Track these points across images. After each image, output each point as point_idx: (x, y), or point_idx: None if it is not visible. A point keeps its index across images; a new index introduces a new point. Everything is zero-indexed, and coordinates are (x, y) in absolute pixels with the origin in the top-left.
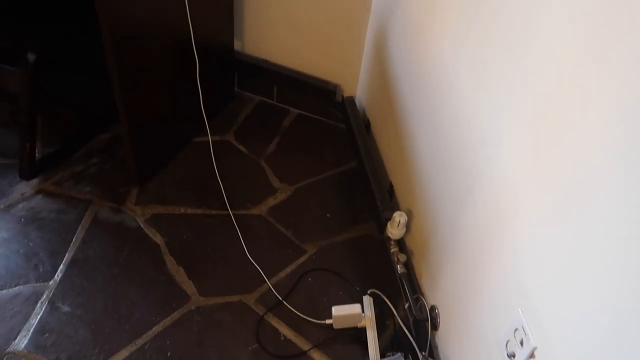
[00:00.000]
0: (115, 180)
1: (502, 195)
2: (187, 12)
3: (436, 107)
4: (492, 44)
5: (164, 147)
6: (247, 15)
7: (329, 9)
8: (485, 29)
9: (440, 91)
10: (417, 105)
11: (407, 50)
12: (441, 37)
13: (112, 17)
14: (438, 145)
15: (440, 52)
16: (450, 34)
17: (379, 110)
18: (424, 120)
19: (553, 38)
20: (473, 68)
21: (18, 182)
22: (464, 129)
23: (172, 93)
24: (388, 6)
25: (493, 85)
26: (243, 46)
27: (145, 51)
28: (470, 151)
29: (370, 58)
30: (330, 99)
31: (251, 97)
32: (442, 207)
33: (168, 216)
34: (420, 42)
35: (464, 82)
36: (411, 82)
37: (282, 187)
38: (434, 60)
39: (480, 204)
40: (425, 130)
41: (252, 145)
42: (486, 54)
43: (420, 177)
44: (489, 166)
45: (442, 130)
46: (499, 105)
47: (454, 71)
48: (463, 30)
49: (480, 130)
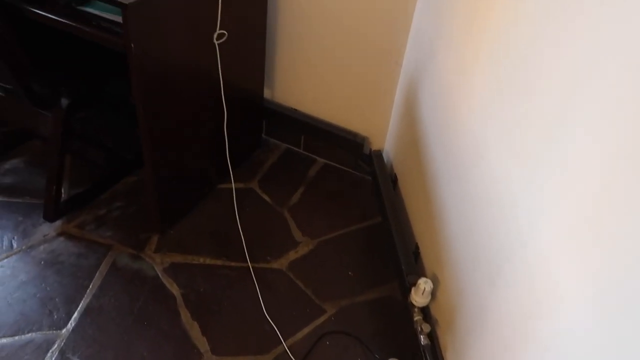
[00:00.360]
0: (137, 225)
1: (538, 279)
2: (219, 62)
3: (466, 173)
4: (526, 118)
5: (187, 194)
6: (278, 64)
7: (360, 62)
8: (520, 103)
9: (471, 158)
10: (447, 168)
11: (437, 110)
12: (472, 103)
13: (143, 65)
14: (468, 213)
15: (471, 119)
16: (482, 102)
17: (407, 167)
18: (453, 184)
19: (595, 118)
20: (505, 140)
21: (41, 223)
22: (495, 201)
23: (199, 140)
24: (419, 64)
25: (527, 161)
26: (273, 94)
27: (174, 98)
28: (502, 226)
29: (399, 112)
30: (357, 150)
31: (278, 144)
32: (472, 279)
33: (186, 266)
34: (451, 105)
35: (495, 154)
36: (441, 143)
37: (304, 241)
38: (465, 126)
39: (513, 284)
40: (454, 195)
41: (276, 195)
42: (520, 128)
43: (448, 243)
44: (523, 246)
45: (472, 198)
46: (533, 183)
47: (484, 140)
48: (496, 100)
49: (513, 206)
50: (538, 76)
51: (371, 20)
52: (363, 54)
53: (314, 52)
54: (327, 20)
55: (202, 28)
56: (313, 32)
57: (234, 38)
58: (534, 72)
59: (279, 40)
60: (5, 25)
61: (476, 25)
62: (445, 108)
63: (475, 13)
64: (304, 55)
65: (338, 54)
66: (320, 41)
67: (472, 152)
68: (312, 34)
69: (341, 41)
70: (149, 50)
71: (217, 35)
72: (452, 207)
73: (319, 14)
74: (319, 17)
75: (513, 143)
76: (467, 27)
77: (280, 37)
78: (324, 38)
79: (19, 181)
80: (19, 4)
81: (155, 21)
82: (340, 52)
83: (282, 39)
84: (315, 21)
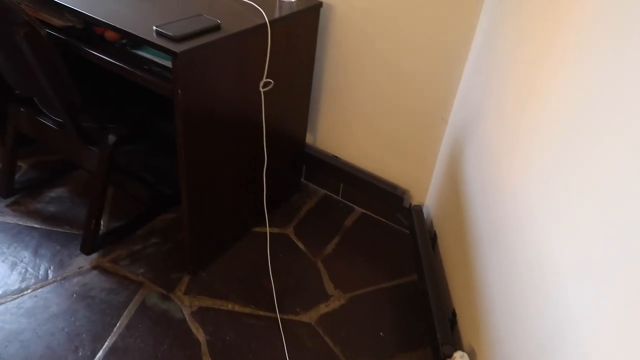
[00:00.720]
0: (170, 264)
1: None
2: (263, 109)
3: (513, 244)
4: (582, 194)
5: (221, 235)
6: (322, 111)
7: (405, 114)
8: (573, 175)
9: (516, 227)
10: (490, 233)
11: (482, 171)
12: (520, 169)
13: (188, 110)
14: (512, 286)
15: (517, 185)
16: (531, 170)
17: (447, 226)
18: (497, 251)
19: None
20: (557, 217)
21: (78, 255)
22: (543, 279)
23: (237, 182)
24: (466, 122)
25: (578, 236)
26: (315, 140)
27: (215, 141)
28: (551, 307)
29: (443, 169)
30: (397, 203)
31: (317, 190)
32: (515, 359)
33: (214, 311)
34: (496, 168)
35: (545, 229)
36: (485, 206)
37: (335, 294)
38: (510, 191)
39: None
40: (498, 264)
41: (311, 243)
42: (574, 206)
43: (488, 315)
44: (577, 336)
45: (518, 271)
46: (589, 267)
47: (530, 209)
48: (546, 169)
49: (564, 288)
50: (595, 149)
51: (419, 74)
52: (408, 106)
53: (358, 101)
54: (374, 71)
55: (249, 76)
56: (359, 82)
57: (280, 86)
58: (591, 145)
59: (324, 87)
60: (61, 63)
61: (530, 91)
62: (491, 170)
63: (530, 81)
64: (349, 104)
65: (383, 105)
66: (366, 91)
67: (517, 220)
68: (358, 83)
69: (387, 92)
70: (195, 97)
71: (264, 83)
72: (494, 275)
73: (366, 65)
74: (366, 67)
75: (563, 215)
76: (520, 92)
77: (325, 85)
78: (369, 88)
79: (62, 210)
80: (76, 43)
81: (203, 69)
82: (386, 103)
83: (327, 87)
84: (361, 72)
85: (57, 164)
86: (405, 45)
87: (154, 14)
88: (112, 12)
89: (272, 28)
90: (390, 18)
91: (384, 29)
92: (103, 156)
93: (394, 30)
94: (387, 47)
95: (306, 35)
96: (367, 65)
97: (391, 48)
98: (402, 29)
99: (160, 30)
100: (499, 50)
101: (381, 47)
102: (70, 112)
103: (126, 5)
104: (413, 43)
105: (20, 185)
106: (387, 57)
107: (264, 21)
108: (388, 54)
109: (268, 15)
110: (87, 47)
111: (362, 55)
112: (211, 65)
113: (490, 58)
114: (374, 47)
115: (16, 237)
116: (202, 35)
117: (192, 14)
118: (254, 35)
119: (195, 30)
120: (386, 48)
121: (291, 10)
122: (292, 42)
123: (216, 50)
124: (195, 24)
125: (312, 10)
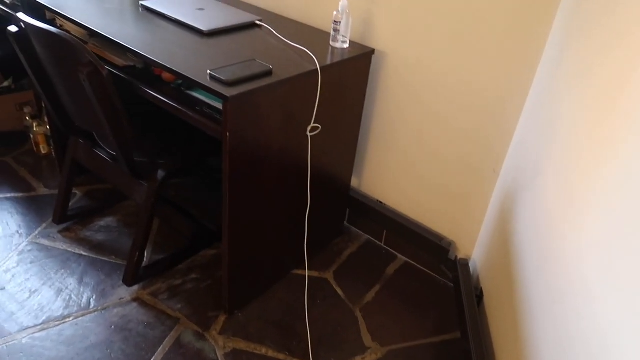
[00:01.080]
0: (207, 301)
1: None
2: (309, 153)
3: (568, 316)
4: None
5: (260, 276)
6: (369, 155)
7: (453, 165)
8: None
9: (577, 304)
10: (543, 299)
11: (536, 233)
12: (579, 238)
13: (235, 152)
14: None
15: (575, 254)
16: (592, 240)
17: (496, 284)
18: (550, 320)
19: None
20: (619, 288)
21: (120, 286)
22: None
23: (279, 223)
24: (520, 178)
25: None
26: (360, 184)
27: (260, 182)
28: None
29: (493, 223)
30: (442, 254)
31: (359, 234)
32: None
33: (247, 355)
34: (552, 232)
35: (604, 303)
36: (537, 269)
37: (373, 347)
38: (567, 260)
39: None
40: (550, 334)
41: (350, 290)
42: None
43: None
44: None
45: (573, 344)
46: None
47: (590, 284)
48: (611, 242)
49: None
50: None
51: (470, 124)
52: (457, 157)
53: (406, 148)
54: (424, 118)
55: (297, 120)
56: (408, 128)
57: (328, 130)
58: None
59: (372, 132)
60: (119, 101)
61: (597, 153)
62: (545, 233)
63: (597, 143)
64: (396, 150)
65: (431, 154)
66: (414, 139)
67: (575, 291)
68: (406, 131)
69: (436, 142)
70: (243, 139)
71: (311, 128)
72: (546, 345)
73: (415, 113)
74: (415, 115)
75: (631, 298)
76: (585, 153)
77: (373, 130)
78: (417, 136)
79: (109, 239)
80: (135, 82)
81: (252, 113)
82: (434, 153)
83: (375, 132)
84: (410, 119)
85: (109, 193)
86: (456, 98)
87: (211, 56)
88: (171, 54)
89: (323, 74)
90: (441, 72)
91: (434, 81)
92: (151, 190)
93: (444, 83)
94: (436, 98)
95: (356, 82)
96: (416, 114)
97: (441, 100)
98: (453, 83)
99: (214, 74)
100: (559, 104)
101: (430, 99)
102: (123, 147)
103: (185, 48)
104: (464, 97)
105: (73, 212)
106: (436, 109)
107: (315, 67)
108: (437, 105)
109: (319, 61)
110: (145, 86)
111: (412, 104)
112: (260, 109)
113: (549, 111)
114: (424, 97)
115: (64, 263)
116: (254, 80)
117: (247, 58)
118: (305, 81)
119: (248, 75)
120: (435, 100)
121: (343, 56)
122: (342, 88)
123: (266, 94)
124: (248, 69)
125: (364, 57)
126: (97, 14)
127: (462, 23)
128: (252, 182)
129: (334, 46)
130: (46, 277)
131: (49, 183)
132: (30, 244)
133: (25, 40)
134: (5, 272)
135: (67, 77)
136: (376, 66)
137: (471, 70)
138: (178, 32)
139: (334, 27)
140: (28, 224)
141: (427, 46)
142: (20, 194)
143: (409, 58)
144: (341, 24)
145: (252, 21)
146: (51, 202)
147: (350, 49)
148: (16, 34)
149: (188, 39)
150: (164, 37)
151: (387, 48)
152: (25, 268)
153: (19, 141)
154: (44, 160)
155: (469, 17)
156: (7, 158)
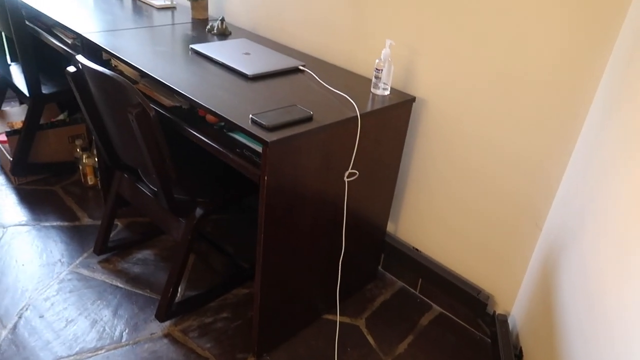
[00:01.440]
0: (237, 342)
1: None
2: (345, 198)
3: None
4: None
5: (291, 319)
6: (406, 202)
7: (494, 217)
8: None
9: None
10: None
11: (582, 293)
12: (628, 301)
13: (272, 194)
14: None
15: (624, 319)
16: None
17: (536, 343)
18: None
19: None
20: None
21: (152, 320)
22: None
23: (312, 267)
24: (565, 233)
25: None
26: (396, 230)
27: (295, 224)
28: None
29: (534, 279)
30: (480, 308)
31: (394, 281)
32: None
33: None
34: (599, 293)
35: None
36: (583, 332)
37: None
38: (615, 325)
39: None
40: None
41: (382, 339)
42: None
43: None
44: None
45: None
46: None
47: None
48: None
49: None
50: None
51: (512, 174)
52: (498, 208)
53: (444, 196)
54: (464, 167)
55: (335, 166)
56: (446, 176)
57: (365, 176)
58: None
59: (410, 178)
60: (163, 141)
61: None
62: (592, 294)
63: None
64: (434, 198)
65: (471, 203)
66: (453, 186)
67: None
68: (445, 178)
69: (476, 190)
70: (280, 182)
71: (349, 174)
72: None
73: (455, 160)
74: (455, 162)
75: None
76: (633, 206)
77: (411, 176)
78: (457, 186)
79: (145, 272)
80: (180, 122)
81: (291, 157)
82: (473, 201)
83: (413, 178)
84: (450, 166)
85: (149, 226)
86: (495, 156)
87: (254, 100)
88: (215, 97)
89: (363, 121)
90: (481, 127)
91: (473, 135)
92: (189, 228)
93: (483, 139)
94: (474, 154)
95: (396, 129)
96: (455, 161)
97: (479, 156)
98: (493, 140)
99: (256, 118)
100: (606, 156)
101: (467, 155)
102: (165, 184)
103: (229, 91)
104: (504, 155)
105: (113, 243)
106: (474, 165)
107: (355, 114)
108: (474, 161)
109: (360, 108)
110: (189, 126)
111: (448, 156)
112: (299, 154)
113: (596, 164)
114: (460, 151)
115: (101, 294)
116: (294, 125)
117: (288, 104)
118: (344, 127)
119: (288, 120)
120: (473, 156)
121: (383, 104)
122: (381, 135)
123: (306, 140)
124: (289, 114)
125: (404, 104)
126: (149, 56)
127: (506, 82)
128: (287, 225)
129: (375, 93)
130: (83, 307)
131: (93, 213)
132: (70, 272)
133: (81, 80)
134: (45, 300)
135: (116, 116)
136: (416, 114)
137: (512, 129)
138: (224, 76)
139: (376, 75)
140: (70, 252)
141: (468, 100)
142: (66, 222)
143: (449, 110)
144: (383, 71)
145: (295, 66)
146: (94, 232)
147: (391, 95)
148: (73, 74)
149: (233, 83)
150: (210, 80)
151: (428, 97)
152: (64, 297)
153: (69, 172)
154: (90, 191)
155: (513, 76)
156: (56, 187)
